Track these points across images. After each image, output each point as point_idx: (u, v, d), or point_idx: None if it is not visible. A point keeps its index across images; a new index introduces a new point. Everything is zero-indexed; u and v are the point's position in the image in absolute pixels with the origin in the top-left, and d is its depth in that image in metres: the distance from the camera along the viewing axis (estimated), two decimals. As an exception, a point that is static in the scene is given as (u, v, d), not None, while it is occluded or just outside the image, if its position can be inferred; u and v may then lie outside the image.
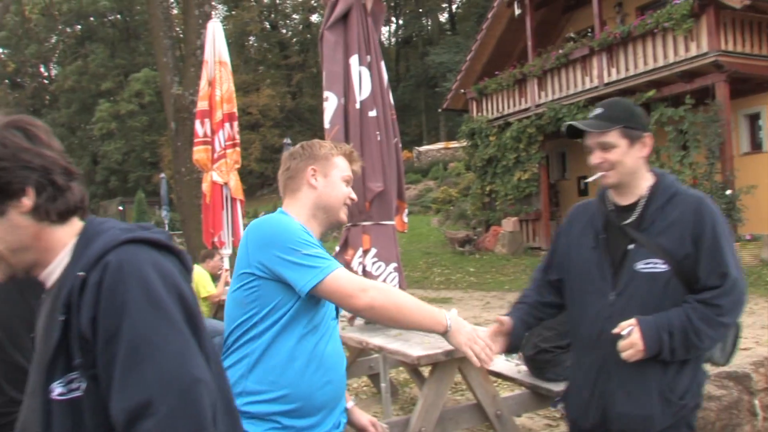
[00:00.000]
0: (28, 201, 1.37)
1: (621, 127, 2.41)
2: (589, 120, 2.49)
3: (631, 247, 2.40)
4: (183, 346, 1.31)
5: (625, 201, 2.49)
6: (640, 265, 2.36)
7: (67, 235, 1.44)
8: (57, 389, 1.33)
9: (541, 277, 2.76)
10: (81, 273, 1.32)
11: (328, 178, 2.41)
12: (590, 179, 2.57)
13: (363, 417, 2.56)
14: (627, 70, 15.43)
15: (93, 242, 1.38)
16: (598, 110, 2.50)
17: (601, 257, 2.47)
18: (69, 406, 1.32)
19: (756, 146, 15.61)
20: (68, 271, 1.38)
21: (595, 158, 2.47)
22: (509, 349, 2.73)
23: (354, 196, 2.46)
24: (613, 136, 2.42)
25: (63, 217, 1.42)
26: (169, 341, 1.30)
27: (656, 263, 2.34)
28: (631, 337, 2.28)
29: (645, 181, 2.47)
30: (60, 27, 49.39)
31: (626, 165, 2.42)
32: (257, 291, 2.17)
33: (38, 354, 1.41)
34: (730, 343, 2.50)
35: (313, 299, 2.19)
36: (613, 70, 15.77)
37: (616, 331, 2.30)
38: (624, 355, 2.28)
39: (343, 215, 2.47)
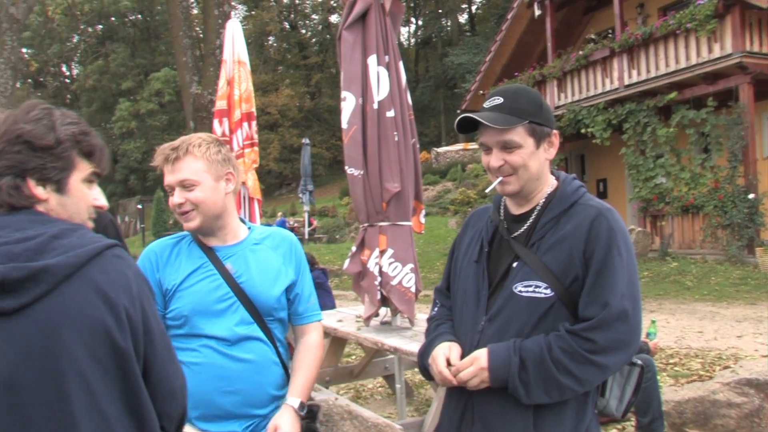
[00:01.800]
0: None
1: (527, 122, 1.97)
2: (489, 111, 2.00)
3: (515, 264, 2.00)
4: None
5: (519, 209, 2.09)
6: (520, 287, 1.95)
7: None
8: None
9: (441, 299, 2.31)
10: None
11: None
12: (488, 189, 2.15)
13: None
14: (648, 71, 15.29)
15: None
16: (497, 99, 2.01)
17: (481, 275, 2.07)
18: None
19: (779, 150, 15.43)
20: None
21: (495, 160, 2.00)
22: None
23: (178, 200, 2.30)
24: (518, 134, 1.97)
25: None
26: None
27: (539, 286, 1.92)
28: (475, 353, 1.95)
29: (547, 187, 2.07)
30: (82, 27, 49.84)
31: (531, 169, 1.99)
32: None
33: None
34: (629, 391, 2.07)
35: None
36: (634, 72, 15.65)
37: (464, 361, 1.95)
38: (466, 379, 1.93)
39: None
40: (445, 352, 2.04)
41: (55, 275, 1.33)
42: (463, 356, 2.01)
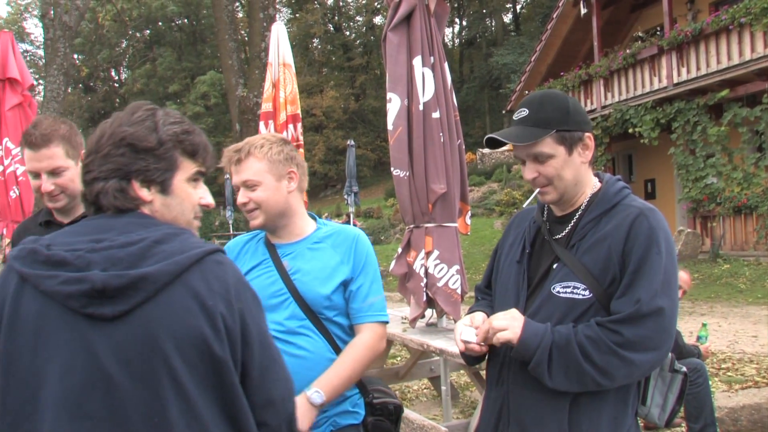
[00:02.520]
0: None
1: (554, 131, 1.95)
2: (514, 127, 2.02)
3: (555, 266, 2.00)
4: None
5: (561, 212, 2.09)
6: (558, 288, 1.94)
7: None
8: None
9: (481, 296, 2.36)
10: None
11: None
12: (527, 202, 2.16)
13: None
14: (698, 69, 14.96)
15: None
16: (523, 112, 2.01)
17: (522, 275, 2.07)
18: None
19: (836, 148, 14.95)
20: None
21: (529, 173, 2.01)
22: None
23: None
24: (547, 145, 1.96)
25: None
26: None
27: (577, 288, 1.91)
28: (511, 313, 1.94)
29: (589, 189, 2.06)
30: (130, 32, 50.83)
31: (566, 177, 1.98)
32: None
33: None
34: (672, 399, 2.03)
35: None
36: (683, 70, 15.32)
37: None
38: (497, 327, 1.91)
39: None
40: (465, 322, 2.04)
41: (154, 283, 1.36)
42: (495, 352, 2.04)
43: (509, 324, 1.91)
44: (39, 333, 1.35)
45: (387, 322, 2.45)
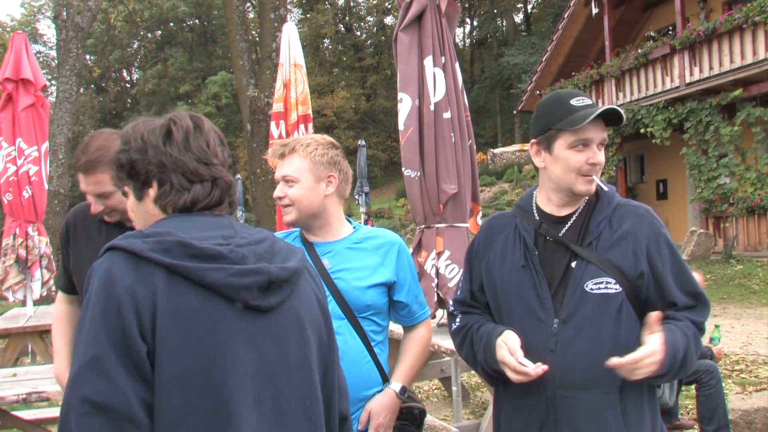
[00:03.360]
0: (152, 192, 1.53)
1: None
2: (593, 108, 2.07)
3: (574, 264, 2.01)
4: (88, 361, 1.29)
5: (562, 211, 2.11)
6: (591, 285, 1.96)
7: None
8: None
9: (464, 309, 2.27)
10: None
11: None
12: (583, 188, 2.06)
13: None
14: (711, 68, 14.87)
15: None
16: (586, 99, 2.11)
17: (536, 277, 2.04)
18: None
19: None
20: None
21: (598, 156, 2.06)
22: None
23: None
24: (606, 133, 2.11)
25: (178, 212, 1.53)
26: (79, 354, 1.31)
27: (609, 282, 1.95)
28: (651, 344, 1.84)
29: None
30: (142, 33, 51.08)
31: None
32: None
33: None
34: (676, 381, 2.13)
35: None
36: (696, 69, 15.24)
37: (627, 360, 1.81)
38: (636, 369, 1.82)
39: None
40: (510, 344, 1.98)
41: (299, 276, 1.56)
42: (534, 361, 1.95)
43: (653, 349, 1.84)
44: (210, 327, 1.36)
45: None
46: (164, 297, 1.33)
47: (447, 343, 4.26)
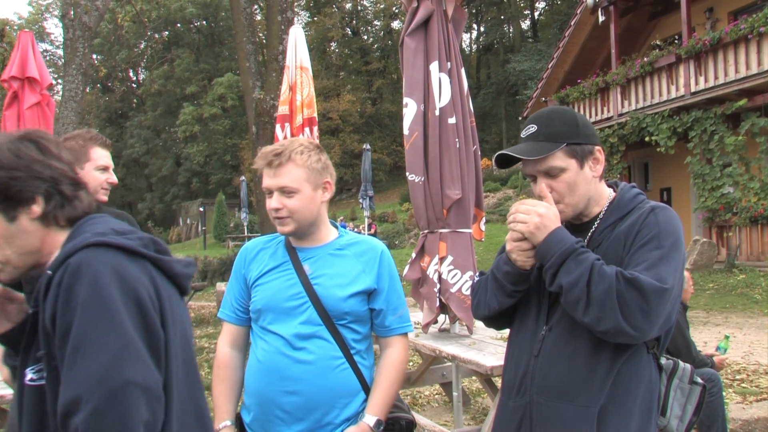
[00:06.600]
0: (37, 208, 1.50)
1: (564, 145, 1.94)
2: (525, 141, 2.01)
3: None
4: (122, 347, 1.38)
5: (578, 221, 2.07)
6: None
7: (64, 237, 1.56)
8: (28, 374, 1.47)
9: None
10: (49, 272, 1.43)
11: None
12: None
13: None
14: (716, 78, 14.88)
15: (68, 243, 1.50)
16: (531, 128, 2.00)
17: (541, 284, 2.02)
18: (36, 391, 1.45)
19: None
20: (45, 270, 1.49)
21: (541, 189, 1.98)
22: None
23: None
24: (559, 159, 1.94)
25: (72, 222, 1.56)
26: (109, 342, 1.36)
27: None
28: (537, 207, 1.89)
29: (604, 200, 2.06)
30: (149, 33, 51.20)
31: (579, 191, 1.97)
32: None
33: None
34: (690, 410, 2.03)
35: None
36: (701, 79, 15.25)
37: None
38: (516, 218, 1.92)
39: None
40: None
41: None
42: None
43: (530, 219, 1.90)
44: (181, 312, 1.60)
45: (410, 332, 2.47)
46: (160, 288, 1.52)
47: (449, 348, 4.26)
